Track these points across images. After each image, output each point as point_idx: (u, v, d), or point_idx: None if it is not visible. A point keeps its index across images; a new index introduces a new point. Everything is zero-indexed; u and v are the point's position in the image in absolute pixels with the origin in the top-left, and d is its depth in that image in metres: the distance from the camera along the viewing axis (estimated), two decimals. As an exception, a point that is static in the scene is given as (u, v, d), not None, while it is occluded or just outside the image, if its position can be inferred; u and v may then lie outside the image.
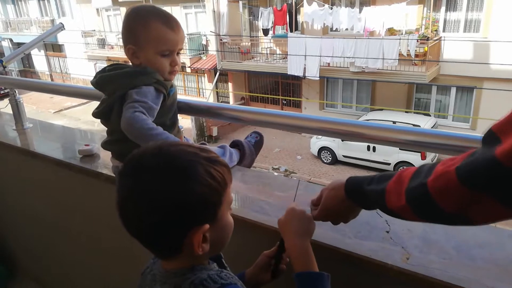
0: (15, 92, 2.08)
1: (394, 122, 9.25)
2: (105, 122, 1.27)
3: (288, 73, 12.38)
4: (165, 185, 0.66)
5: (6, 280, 2.44)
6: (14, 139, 2.02)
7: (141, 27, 1.18)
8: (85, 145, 1.69)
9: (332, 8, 11.72)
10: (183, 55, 12.31)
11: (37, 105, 18.11)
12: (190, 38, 14.83)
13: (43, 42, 3.29)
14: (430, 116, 11.25)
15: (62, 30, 2.30)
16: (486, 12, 10.40)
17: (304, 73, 12.08)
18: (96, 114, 1.26)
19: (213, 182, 0.68)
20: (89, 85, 1.42)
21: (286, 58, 12.49)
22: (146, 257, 0.82)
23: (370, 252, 0.95)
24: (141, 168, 0.68)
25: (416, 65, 10.76)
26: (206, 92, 16.04)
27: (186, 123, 13.26)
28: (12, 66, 15.05)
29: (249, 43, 14.32)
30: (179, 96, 1.37)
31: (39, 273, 2.35)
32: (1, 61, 2.13)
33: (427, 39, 10.63)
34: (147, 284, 0.78)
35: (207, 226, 0.68)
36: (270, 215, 1.13)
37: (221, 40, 13.77)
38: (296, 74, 12.26)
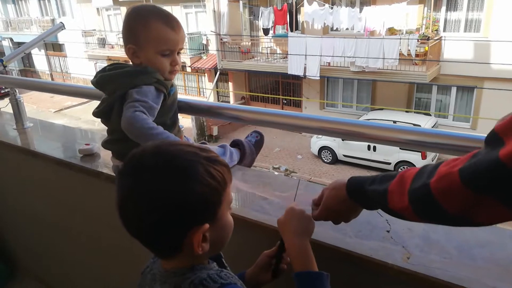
0: (16, 91, 2.08)
1: (394, 122, 9.25)
2: (106, 121, 1.27)
3: (288, 73, 12.39)
4: (165, 184, 0.66)
5: (6, 279, 2.44)
6: (14, 139, 2.02)
7: (142, 26, 1.18)
8: (86, 144, 1.69)
9: (332, 7, 11.71)
10: (184, 55, 12.26)
11: (38, 104, 18.12)
12: (190, 38, 14.84)
13: (44, 41, 3.29)
14: (431, 115, 11.25)
15: (62, 29, 2.30)
16: (486, 11, 10.40)
17: (305, 72, 12.08)
18: (97, 113, 1.26)
19: (213, 182, 0.68)
20: (89, 85, 1.42)
21: (287, 57, 12.50)
22: (146, 257, 0.82)
23: (370, 251, 0.95)
24: (141, 168, 0.68)
25: (416, 64, 10.76)
26: (206, 91, 16.05)
27: (186, 122, 13.27)
28: (13, 66, 15.07)
29: (250, 42, 14.32)
30: (180, 96, 1.36)
31: (40, 272, 2.35)
32: (2, 61, 2.13)
33: (428, 39, 10.63)
34: (147, 283, 0.78)
35: (207, 226, 0.68)
36: (271, 214, 1.13)
37: (221, 39, 13.77)
38: (296, 74, 12.27)
